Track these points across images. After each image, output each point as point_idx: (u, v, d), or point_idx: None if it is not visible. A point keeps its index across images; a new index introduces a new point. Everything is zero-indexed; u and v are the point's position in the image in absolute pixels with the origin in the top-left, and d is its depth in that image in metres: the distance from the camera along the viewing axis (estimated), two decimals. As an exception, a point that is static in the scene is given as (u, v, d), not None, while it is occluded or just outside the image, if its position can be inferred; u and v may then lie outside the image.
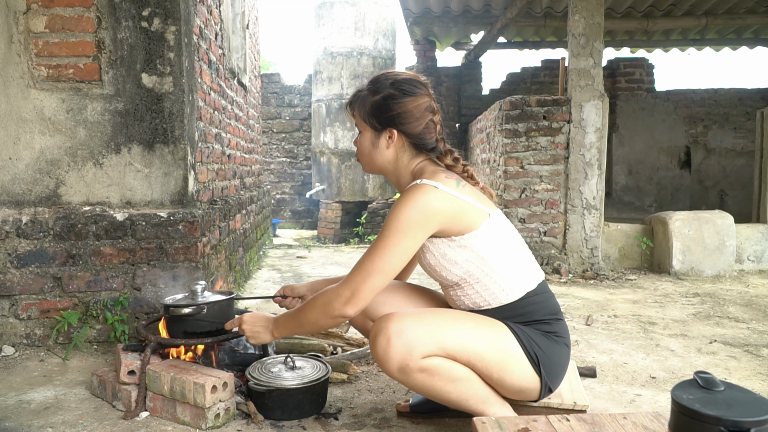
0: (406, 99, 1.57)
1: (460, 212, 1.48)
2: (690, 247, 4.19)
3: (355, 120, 1.66)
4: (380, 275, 1.44)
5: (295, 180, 8.48)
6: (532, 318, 1.55)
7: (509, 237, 1.57)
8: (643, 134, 7.29)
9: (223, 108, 3.50)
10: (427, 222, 1.45)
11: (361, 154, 1.67)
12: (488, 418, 1.15)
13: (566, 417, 1.15)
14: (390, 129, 1.58)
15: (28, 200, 2.46)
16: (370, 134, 1.61)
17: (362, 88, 1.64)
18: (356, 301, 1.44)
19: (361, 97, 1.62)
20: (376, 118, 1.58)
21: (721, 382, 0.96)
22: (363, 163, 1.68)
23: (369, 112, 1.59)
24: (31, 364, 2.28)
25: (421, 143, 1.59)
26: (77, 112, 2.45)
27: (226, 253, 3.23)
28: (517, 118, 4.32)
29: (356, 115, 1.64)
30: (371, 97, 1.59)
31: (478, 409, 1.52)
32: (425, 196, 1.45)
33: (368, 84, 1.64)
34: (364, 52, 7.03)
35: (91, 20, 2.41)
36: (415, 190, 1.46)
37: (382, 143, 1.60)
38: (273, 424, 1.74)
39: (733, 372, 2.25)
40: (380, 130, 1.59)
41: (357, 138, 1.68)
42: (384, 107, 1.57)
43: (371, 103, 1.59)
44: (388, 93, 1.57)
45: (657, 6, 5.90)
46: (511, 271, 1.53)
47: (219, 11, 3.40)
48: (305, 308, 1.55)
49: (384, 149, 1.60)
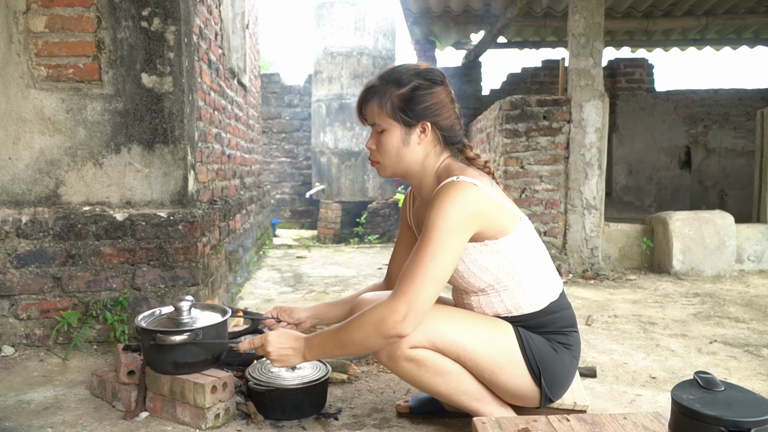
0: (436, 89, 1.47)
1: (496, 214, 1.41)
2: (690, 247, 4.19)
3: (375, 118, 1.49)
4: (435, 283, 1.32)
5: (295, 180, 8.48)
6: (547, 329, 1.51)
7: (537, 243, 1.52)
8: (643, 134, 7.29)
9: (223, 108, 3.50)
10: (471, 222, 1.36)
11: (385, 155, 1.50)
12: (488, 419, 1.15)
13: (566, 417, 1.15)
14: (423, 122, 1.46)
15: (27, 200, 2.46)
16: (400, 131, 1.46)
17: (375, 84, 1.49)
18: (414, 315, 1.31)
19: (382, 92, 1.47)
20: (407, 111, 1.44)
21: (721, 382, 0.96)
22: (387, 165, 1.51)
23: (398, 106, 1.45)
24: (30, 364, 2.28)
25: (451, 136, 1.50)
26: (77, 112, 2.45)
27: (226, 253, 3.23)
28: (517, 118, 4.32)
29: (377, 112, 1.48)
30: (396, 89, 1.45)
31: (471, 407, 1.51)
32: (467, 193, 1.35)
33: (383, 78, 1.49)
34: (364, 52, 7.03)
35: (90, 20, 2.41)
36: (454, 187, 1.36)
37: (414, 139, 1.47)
38: (273, 424, 1.74)
39: (733, 372, 2.24)
40: (413, 125, 1.46)
41: (372, 139, 1.52)
42: (416, 99, 1.44)
43: (399, 96, 1.45)
44: (417, 83, 1.45)
45: (657, 6, 5.90)
46: (538, 280, 1.49)
47: (219, 11, 3.40)
48: (349, 328, 1.38)
49: (416, 146, 1.48)
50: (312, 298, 3.57)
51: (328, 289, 3.87)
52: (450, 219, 1.32)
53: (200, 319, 1.65)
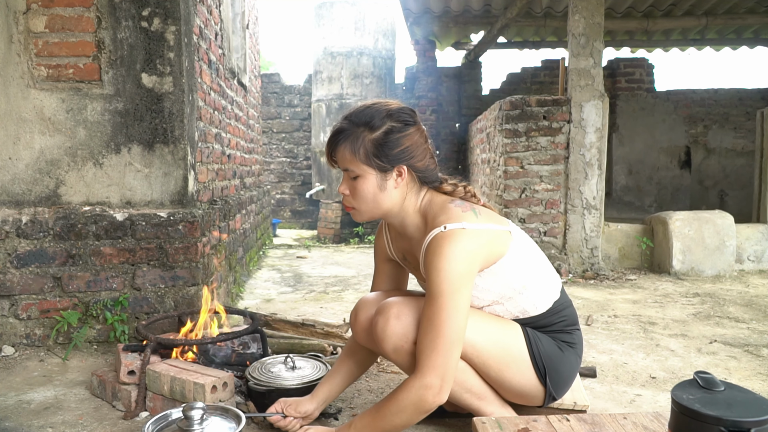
0: (409, 130, 1.42)
1: (489, 245, 1.40)
2: (690, 247, 4.19)
3: (347, 164, 1.42)
4: (457, 344, 1.33)
5: (295, 180, 8.48)
6: (553, 328, 1.54)
7: (532, 249, 1.54)
8: (643, 134, 7.29)
9: (223, 108, 3.50)
10: (472, 270, 1.36)
11: (361, 201, 1.44)
12: (488, 418, 1.15)
13: (566, 417, 1.15)
14: (399, 166, 1.41)
15: (28, 200, 2.46)
16: (375, 176, 1.41)
17: (345, 127, 1.42)
18: (447, 384, 1.33)
19: (354, 136, 1.40)
20: (381, 156, 1.39)
21: (721, 382, 0.96)
22: (363, 211, 1.46)
23: (371, 152, 1.39)
24: (31, 364, 2.28)
25: (426, 176, 1.46)
26: (77, 112, 2.45)
27: (226, 253, 3.23)
28: (517, 118, 4.32)
29: (349, 158, 1.41)
30: (369, 133, 1.40)
31: (473, 405, 1.51)
32: (460, 244, 1.33)
33: (352, 120, 1.42)
34: (364, 51, 7.03)
35: (91, 20, 2.41)
36: (446, 240, 1.34)
37: (390, 184, 1.42)
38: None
39: (733, 372, 2.24)
40: (388, 170, 1.41)
41: (345, 184, 1.46)
42: (389, 143, 1.39)
43: (372, 141, 1.39)
44: (390, 126, 1.40)
45: (657, 6, 5.90)
46: (540, 284, 1.51)
47: (219, 11, 3.40)
48: (387, 415, 1.36)
49: (392, 190, 1.43)
50: (312, 298, 3.57)
51: (328, 289, 3.87)
52: (452, 278, 1.31)
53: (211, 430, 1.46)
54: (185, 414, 1.39)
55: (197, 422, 1.39)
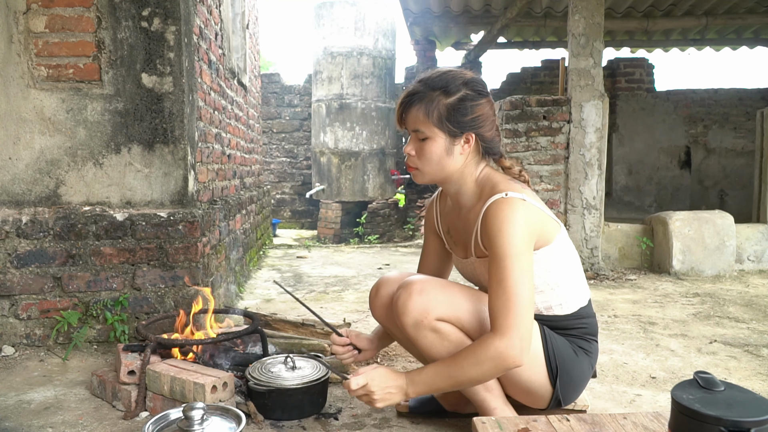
0: (482, 100, 1.46)
1: (542, 225, 1.43)
2: (690, 247, 4.19)
3: (418, 125, 1.46)
4: (529, 306, 1.34)
5: (295, 180, 8.48)
6: (572, 332, 1.54)
7: (571, 250, 1.55)
8: (643, 134, 7.29)
9: (223, 108, 3.50)
10: (532, 237, 1.39)
11: (426, 163, 1.48)
12: (488, 418, 1.15)
13: (566, 417, 1.15)
14: (468, 133, 1.45)
15: (28, 200, 2.46)
16: (444, 140, 1.44)
17: (419, 89, 1.46)
18: (528, 345, 1.34)
19: (428, 98, 1.44)
20: (454, 121, 1.43)
21: (721, 382, 0.96)
22: (426, 173, 1.50)
23: (445, 116, 1.43)
24: (31, 364, 2.28)
25: (491, 148, 1.50)
26: (77, 112, 2.45)
27: (226, 253, 3.23)
28: (517, 118, 4.32)
29: (421, 119, 1.44)
30: (444, 98, 1.43)
31: (479, 396, 1.51)
32: (521, 211, 1.38)
33: (427, 83, 1.46)
34: (364, 52, 7.03)
35: (91, 20, 2.41)
36: (508, 206, 1.38)
37: (457, 150, 1.46)
38: (273, 424, 1.74)
39: (733, 372, 2.24)
40: (458, 135, 1.45)
41: (412, 145, 1.49)
42: (463, 109, 1.43)
43: (447, 106, 1.43)
44: (465, 94, 1.44)
45: (657, 6, 5.90)
46: (571, 285, 1.52)
47: (219, 11, 3.40)
48: (463, 365, 1.36)
49: (458, 156, 1.47)
50: (312, 298, 3.57)
51: (328, 289, 3.87)
52: (516, 242, 1.35)
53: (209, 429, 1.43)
54: (185, 414, 1.39)
55: (197, 422, 1.39)
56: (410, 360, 2.33)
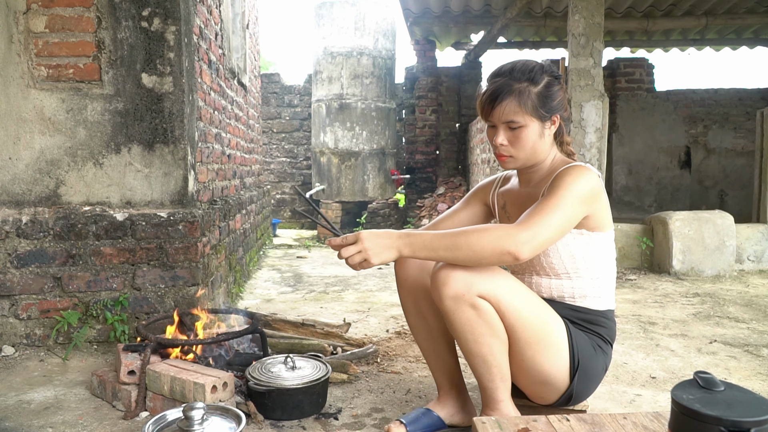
0: (560, 84, 1.57)
1: (601, 208, 1.52)
2: (690, 247, 4.19)
3: (512, 116, 1.52)
4: (555, 228, 1.40)
5: (295, 180, 8.48)
6: (594, 331, 1.57)
7: (614, 255, 1.61)
8: (643, 134, 7.28)
9: (223, 108, 3.50)
10: (590, 201, 1.47)
11: (521, 149, 1.55)
12: (488, 418, 1.15)
13: (566, 417, 1.15)
14: (555, 116, 1.56)
15: (28, 200, 2.46)
16: (538, 125, 1.54)
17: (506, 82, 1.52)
18: (535, 243, 1.38)
19: (518, 90, 1.51)
20: (545, 107, 1.53)
21: (721, 382, 0.96)
22: (520, 158, 1.57)
23: (537, 103, 1.52)
24: (31, 364, 2.28)
25: (564, 129, 1.61)
26: (77, 112, 2.45)
27: (226, 253, 3.23)
28: (517, 118, 4.31)
29: (515, 110, 1.51)
30: (533, 87, 1.52)
31: (492, 384, 1.49)
32: (592, 176, 1.48)
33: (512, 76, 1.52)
34: (364, 52, 7.02)
35: (91, 20, 2.41)
36: (582, 170, 1.49)
37: (547, 132, 1.56)
38: (273, 424, 1.74)
39: (733, 372, 2.24)
40: (547, 119, 1.55)
41: (504, 135, 1.55)
42: (550, 95, 1.53)
43: (537, 94, 1.52)
44: (548, 80, 1.54)
45: (657, 6, 5.90)
46: (607, 284, 1.58)
47: (219, 11, 3.40)
48: (468, 232, 1.40)
49: (547, 138, 1.57)
50: (312, 297, 3.57)
51: (328, 289, 3.87)
52: (577, 189, 1.43)
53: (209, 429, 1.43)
54: (185, 414, 1.39)
55: (197, 422, 1.39)
56: (410, 359, 2.33)
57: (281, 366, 1.86)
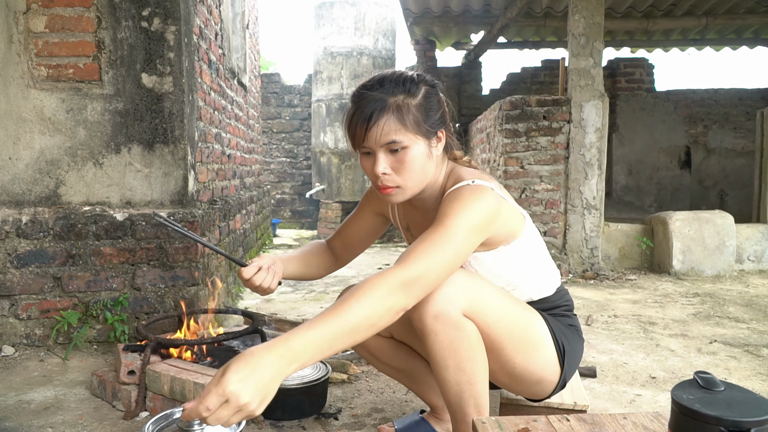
0: (440, 93, 1.38)
1: (507, 217, 1.34)
2: (690, 247, 4.19)
3: (392, 136, 1.27)
4: (440, 271, 1.17)
5: (295, 180, 8.48)
6: (557, 311, 1.50)
7: (537, 235, 1.48)
8: (643, 134, 7.29)
9: (223, 108, 3.50)
10: (487, 227, 1.27)
11: (409, 174, 1.31)
12: (488, 418, 1.15)
13: (566, 417, 1.15)
14: (440, 130, 1.34)
15: (28, 200, 2.46)
16: (424, 144, 1.31)
17: (381, 98, 1.28)
18: (419, 291, 1.15)
19: (395, 105, 1.28)
20: (428, 121, 1.31)
21: (721, 382, 0.96)
22: (408, 187, 1.32)
23: (419, 118, 1.29)
24: (31, 364, 2.28)
25: (452, 142, 1.41)
26: (77, 112, 2.45)
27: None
28: (517, 118, 4.32)
29: (395, 128, 1.27)
30: (411, 99, 1.29)
31: (468, 411, 1.33)
32: (487, 197, 1.26)
33: (386, 90, 1.29)
34: (364, 52, 7.02)
35: (91, 20, 2.41)
36: (471, 191, 1.26)
37: (434, 151, 1.35)
38: (273, 424, 1.74)
39: (733, 372, 2.24)
40: (433, 135, 1.33)
41: (386, 161, 1.30)
42: (430, 107, 1.32)
43: (417, 106, 1.29)
44: (426, 90, 1.33)
45: (657, 6, 5.90)
46: (544, 271, 1.48)
47: (219, 11, 3.40)
48: (353, 308, 1.06)
49: (435, 157, 1.35)
50: (312, 297, 3.57)
51: (328, 288, 3.87)
52: (467, 219, 1.21)
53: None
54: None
55: (197, 422, 1.39)
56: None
57: (281, 366, 1.86)
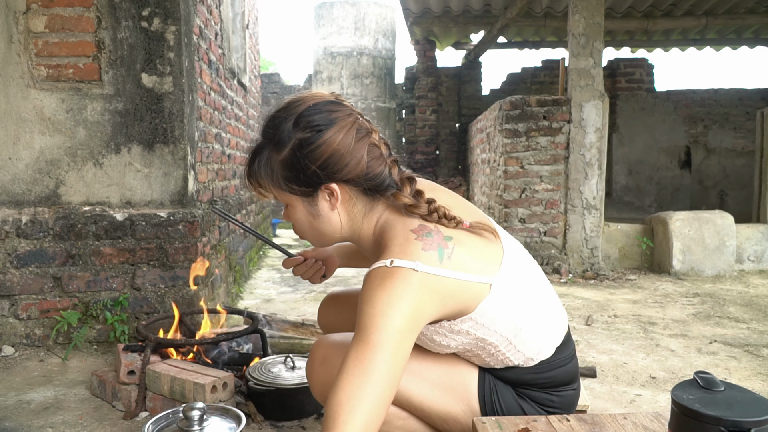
0: (324, 137, 1.07)
1: (449, 296, 1.05)
2: (690, 247, 4.19)
3: (270, 192, 1.16)
4: (368, 411, 0.93)
5: (295, 180, 8.48)
6: (524, 387, 1.23)
7: (520, 301, 1.15)
8: (643, 134, 7.29)
9: (223, 108, 3.50)
10: (415, 324, 1.01)
11: (302, 232, 1.19)
12: (488, 418, 1.15)
13: (566, 417, 1.15)
14: (326, 185, 1.09)
15: (27, 200, 2.46)
16: (301, 203, 1.13)
17: (258, 144, 1.15)
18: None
19: (263, 159, 1.12)
20: (297, 180, 1.10)
21: (721, 382, 0.96)
22: (311, 238, 1.21)
23: (284, 176, 1.10)
24: (30, 364, 2.28)
25: (373, 184, 1.10)
26: (77, 112, 2.45)
27: (226, 253, 3.23)
28: (517, 118, 4.32)
29: (266, 185, 1.14)
30: (276, 154, 1.10)
31: None
32: (405, 290, 0.99)
33: (263, 133, 1.14)
34: (364, 52, 7.03)
35: (90, 20, 2.41)
36: (385, 281, 0.99)
37: (324, 208, 1.12)
38: (273, 424, 1.74)
39: (733, 372, 2.24)
40: (312, 193, 1.11)
41: (285, 212, 1.19)
42: (302, 161, 1.07)
43: (281, 163, 1.10)
44: (299, 140, 1.07)
45: (657, 6, 5.90)
46: (520, 346, 1.17)
47: (219, 11, 3.40)
48: None
49: (329, 214, 1.13)
50: (312, 297, 3.57)
51: (327, 288, 3.87)
52: (384, 331, 0.96)
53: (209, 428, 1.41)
54: (185, 414, 1.39)
55: (197, 422, 1.39)
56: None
57: (281, 366, 1.86)
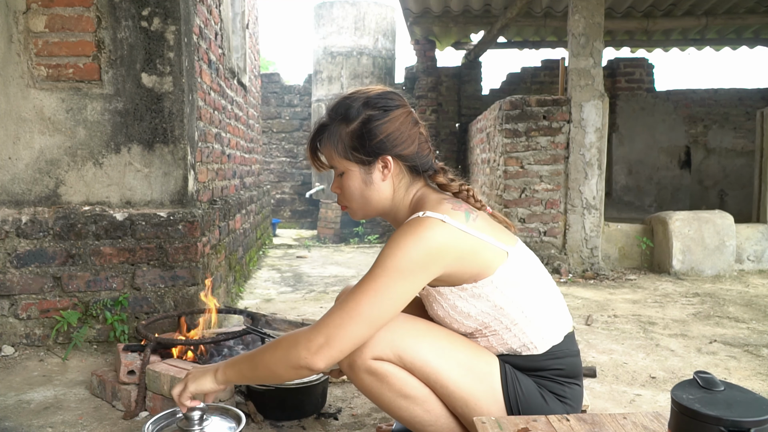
0: (391, 115, 1.29)
1: (471, 252, 1.21)
2: (690, 247, 4.19)
3: (329, 161, 1.34)
4: (364, 324, 1.16)
5: (295, 180, 8.48)
6: (542, 374, 1.30)
7: (533, 279, 1.29)
8: (643, 134, 7.28)
9: (222, 108, 3.50)
10: (431, 263, 1.17)
11: (350, 199, 1.34)
12: (488, 418, 1.15)
13: (566, 417, 1.15)
14: (383, 157, 1.28)
15: (27, 200, 2.46)
16: (359, 171, 1.30)
17: (325, 122, 1.33)
18: (329, 351, 1.15)
19: (332, 131, 1.31)
20: (360, 148, 1.28)
21: (721, 382, 0.96)
22: (355, 209, 1.36)
23: (349, 145, 1.28)
24: (30, 364, 2.28)
25: (418, 164, 1.31)
26: (77, 111, 2.45)
27: (226, 252, 3.23)
28: (517, 118, 4.32)
29: (329, 154, 1.33)
30: (345, 126, 1.29)
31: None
32: (430, 231, 1.17)
33: (330, 113, 1.33)
34: (364, 51, 7.03)
35: (90, 20, 2.41)
36: (418, 223, 1.19)
37: (377, 177, 1.30)
38: (273, 424, 1.74)
39: (733, 372, 2.24)
40: (371, 162, 1.29)
41: (335, 183, 1.36)
42: (368, 133, 1.27)
43: (350, 134, 1.28)
44: (367, 115, 1.28)
45: (657, 6, 5.90)
46: (535, 322, 1.27)
47: (219, 11, 3.40)
48: (267, 348, 1.24)
49: (380, 183, 1.31)
50: (312, 297, 3.57)
51: (328, 288, 3.87)
52: (403, 258, 1.15)
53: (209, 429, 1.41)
54: (185, 414, 1.39)
55: (197, 422, 1.39)
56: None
57: (281, 366, 1.86)
